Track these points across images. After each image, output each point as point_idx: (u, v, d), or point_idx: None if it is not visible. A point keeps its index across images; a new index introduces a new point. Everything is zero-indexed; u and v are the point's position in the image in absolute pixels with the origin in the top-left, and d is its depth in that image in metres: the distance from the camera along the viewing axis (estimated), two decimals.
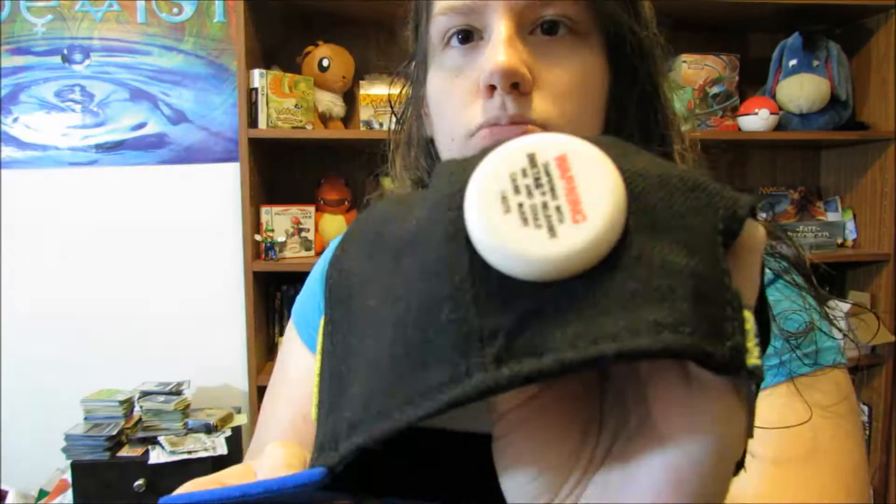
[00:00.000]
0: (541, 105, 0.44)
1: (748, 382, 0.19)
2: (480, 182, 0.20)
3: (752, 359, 0.18)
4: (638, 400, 0.21)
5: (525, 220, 0.19)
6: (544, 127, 0.44)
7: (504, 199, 0.20)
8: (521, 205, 0.20)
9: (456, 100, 0.47)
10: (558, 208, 0.19)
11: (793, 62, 1.91)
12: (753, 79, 2.03)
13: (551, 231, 0.19)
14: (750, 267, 0.21)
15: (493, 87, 0.43)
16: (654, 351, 0.17)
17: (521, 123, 0.44)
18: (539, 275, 0.19)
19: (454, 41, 0.47)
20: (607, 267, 0.19)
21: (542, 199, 0.20)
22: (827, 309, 0.50)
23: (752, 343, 0.19)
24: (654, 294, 0.18)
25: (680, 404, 0.19)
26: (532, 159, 0.20)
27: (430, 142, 0.55)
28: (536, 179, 0.20)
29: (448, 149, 0.49)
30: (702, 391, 0.19)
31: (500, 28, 0.44)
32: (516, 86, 0.43)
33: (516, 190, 0.20)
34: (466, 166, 0.21)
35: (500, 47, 0.43)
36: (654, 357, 0.18)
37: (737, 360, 0.18)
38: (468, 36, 0.46)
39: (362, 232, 0.25)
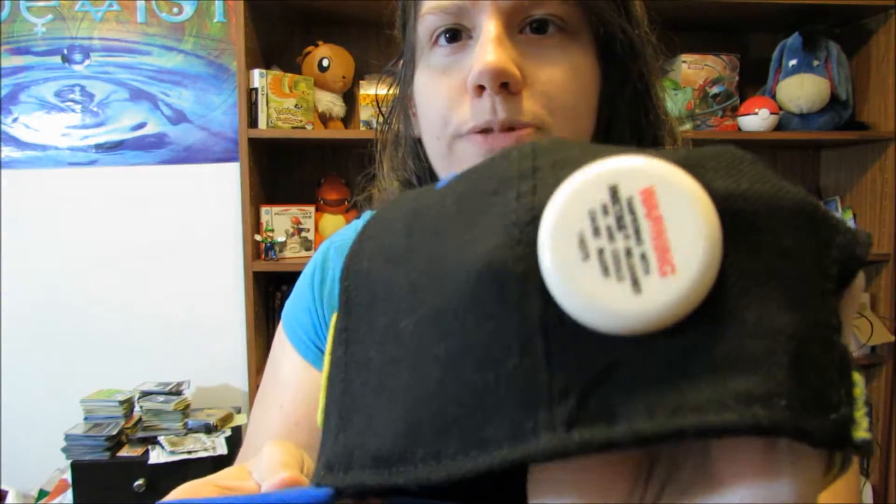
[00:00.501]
0: (531, 105, 0.43)
1: (850, 454, 0.17)
2: (556, 220, 0.18)
3: (861, 431, 0.16)
4: (695, 447, 0.19)
5: (606, 270, 0.17)
6: (536, 128, 0.43)
7: (582, 241, 0.18)
8: (601, 250, 0.17)
9: (443, 99, 0.46)
10: (643, 256, 0.17)
11: (793, 62, 1.91)
12: (753, 79, 2.03)
13: (635, 284, 0.17)
14: (851, 315, 0.18)
15: (481, 88, 0.42)
16: (741, 428, 0.15)
17: (513, 129, 0.43)
18: (619, 330, 0.17)
19: (441, 40, 0.46)
20: (695, 323, 0.17)
21: (625, 243, 0.17)
22: None
23: (860, 412, 0.16)
24: (748, 359, 0.16)
25: (756, 468, 0.17)
26: (614, 193, 0.18)
27: (418, 142, 0.54)
28: (619, 219, 0.17)
29: (434, 147, 0.48)
30: (788, 459, 0.17)
31: (488, 27, 0.43)
32: (505, 86, 0.42)
33: (596, 232, 0.18)
34: (537, 185, 0.19)
35: (489, 46, 0.42)
36: (741, 434, 0.15)
37: (841, 435, 0.16)
38: (456, 35, 0.46)
39: (389, 232, 0.23)
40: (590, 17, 0.45)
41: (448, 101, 0.45)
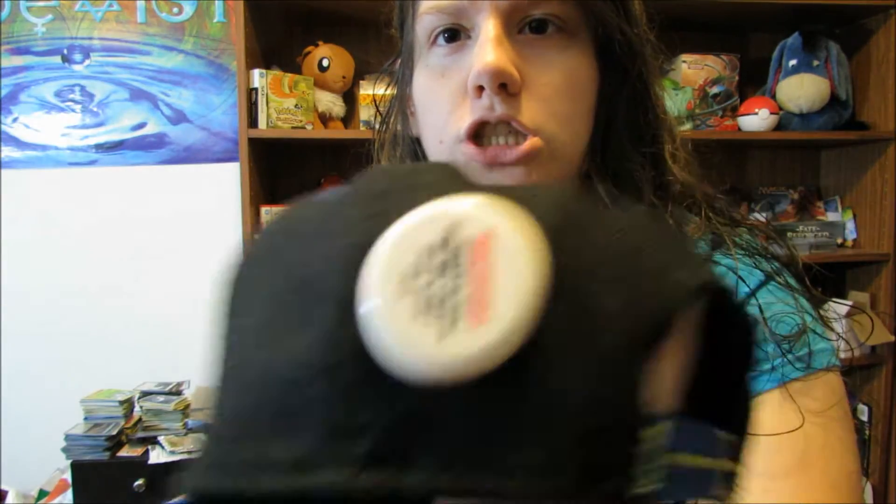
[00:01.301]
0: (530, 106, 0.43)
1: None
2: (384, 251, 0.17)
3: (637, 488, 0.17)
4: None
5: (417, 313, 0.17)
6: (534, 130, 0.44)
7: (402, 279, 0.17)
8: (418, 291, 0.17)
9: (443, 101, 0.46)
10: (455, 306, 0.17)
11: (793, 62, 1.91)
12: (753, 79, 2.03)
13: (442, 332, 0.16)
14: (675, 355, 0.19)
15: (480, 88, 0.42)
16: (515, 496, 0.16)
17: (509, 123, 0.43)
18: (415, 377, 0.16)
19: (440, 40, 0.46)
20: (503, 380, 0.16)
21: (443, 289, 0.17)
22: (821, 311, 0.49)
23: (645, 467, 0.17)
24: (541, 427, 0.16)
25: None
26: (447, 235, 0.17)
27: (416, 141, 0.54)
28: (444, 263, 0.17)
29: (437, 151, 0.48)
30: None
31: (487, 27, 0.43)
32: (504, 86, 0.42)
33: (416, 273, 0.17)
34: (386, 208, 0.18)
35: (488, 46, 0.42)
36: (520, 500, 0.16)
37: (616, 496, 0.16)
38: (455, 35, 0.45)
39: (266, 234, 0.23)
40: (588, 17, 0.45)
41: (449, 107, 0.45)
